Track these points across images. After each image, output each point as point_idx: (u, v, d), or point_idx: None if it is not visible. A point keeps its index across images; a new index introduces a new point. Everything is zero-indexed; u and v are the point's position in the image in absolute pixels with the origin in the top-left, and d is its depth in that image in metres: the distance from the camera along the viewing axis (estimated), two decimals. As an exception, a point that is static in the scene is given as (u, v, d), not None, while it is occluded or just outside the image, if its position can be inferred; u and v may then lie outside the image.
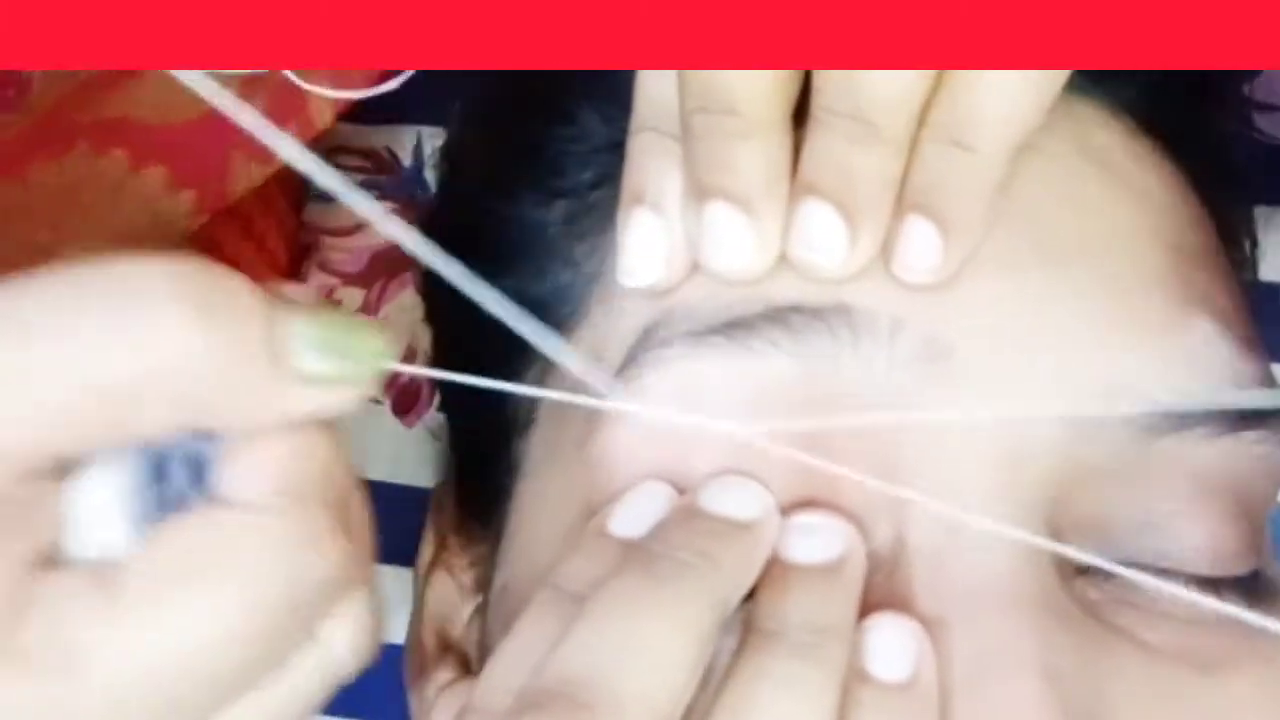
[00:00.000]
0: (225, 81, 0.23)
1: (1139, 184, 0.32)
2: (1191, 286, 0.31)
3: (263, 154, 0.39)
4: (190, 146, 0.38)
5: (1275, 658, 0.29)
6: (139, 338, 0.23)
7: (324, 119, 0.39)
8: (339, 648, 0.26)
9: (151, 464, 0.24)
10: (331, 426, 0.25)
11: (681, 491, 0.29)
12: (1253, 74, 0.40)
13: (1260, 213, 0.44)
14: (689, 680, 0.26)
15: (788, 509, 0.29)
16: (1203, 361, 0.30)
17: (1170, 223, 0.32)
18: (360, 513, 0.26)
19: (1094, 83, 0.33)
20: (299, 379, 0.24)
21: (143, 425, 0.23)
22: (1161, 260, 0.31)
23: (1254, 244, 0.41)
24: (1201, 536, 0.30)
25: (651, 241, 0.30)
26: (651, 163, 0.30)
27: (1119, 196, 0.32)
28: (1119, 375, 0.29)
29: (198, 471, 0.25)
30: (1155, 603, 0.29)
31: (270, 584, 0.24)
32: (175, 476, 0.25)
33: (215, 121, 0.39)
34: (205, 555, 0.24)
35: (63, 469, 0.24)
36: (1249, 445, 0.30)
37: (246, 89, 0.39)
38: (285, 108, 0.39)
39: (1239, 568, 0.30)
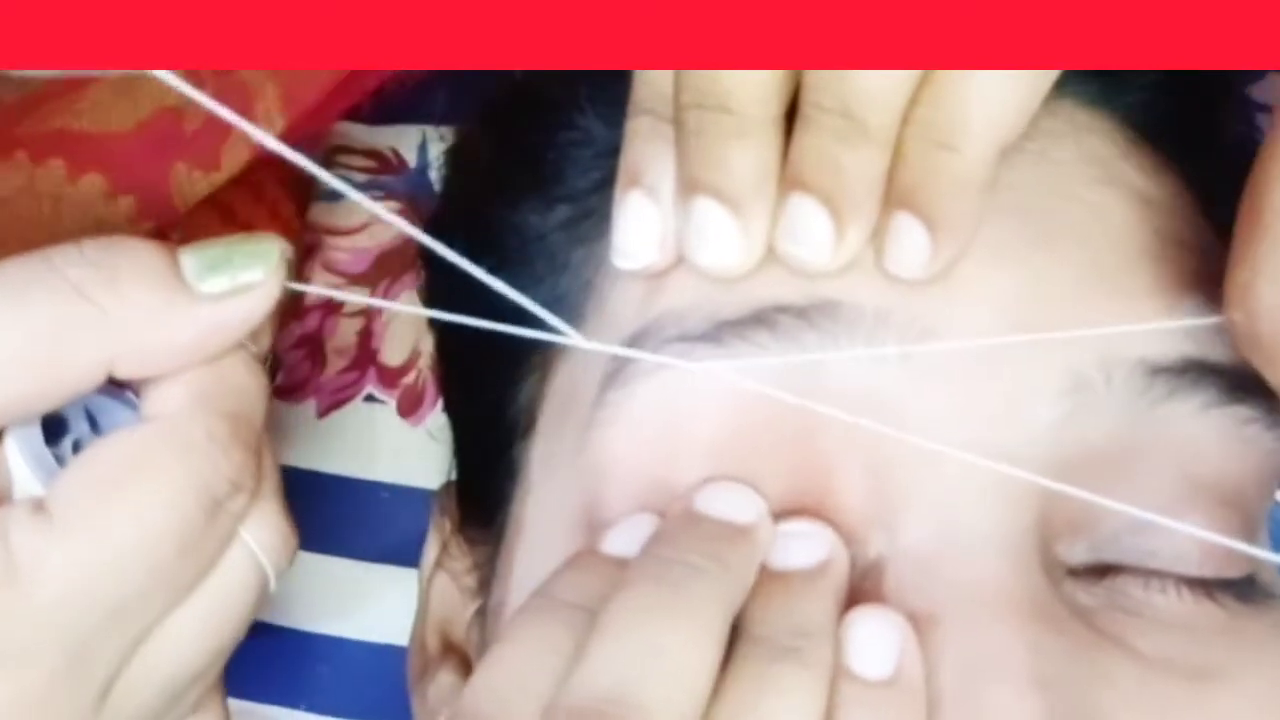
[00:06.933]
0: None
1: (1139, 187, 0.32)
2: (1184, 269, 0.32)
3: (206, 164, 0.39)
4: (127, 155, 0.38)
5: (1266, 669, 0.29)
6: (46, 311, 0.27)
7: (274, 124, 0.39)
8: (259, 550, 0.30)
9: (55, 418, 0.29)
10: (251, 360, 0.30)
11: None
12: (1255, 75, 0.40)
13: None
14: (709, 683, 0.26)
15: (775, 517, 0.29)
16: (1194, 329, 0.30)
17: (1166, 220, 0.32)
18: (262, 434, 0.30)
19: (1097, 91, 0.33)
20: (205, 300, 0.28)
21: (74, 382, 0.28)
22: (1153, 245, 0.32)
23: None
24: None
25: (646, 225, 0.30)
26: (649, 147, 0.30)
27: (1115, 195, 0.32)
28: (1111, 345, 0.29)
29: (94, 420, 0.30)
30: (1147, 609, 0.29)
31: (184, 481, 0.28)
32: (75, 427, 0.30)
33: (153, 132, 0.39)
34: (125, 466, 0.28)
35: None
36: (1240, 425, 0.30)
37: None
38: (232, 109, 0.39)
39: (1230, 569, 0.30)
